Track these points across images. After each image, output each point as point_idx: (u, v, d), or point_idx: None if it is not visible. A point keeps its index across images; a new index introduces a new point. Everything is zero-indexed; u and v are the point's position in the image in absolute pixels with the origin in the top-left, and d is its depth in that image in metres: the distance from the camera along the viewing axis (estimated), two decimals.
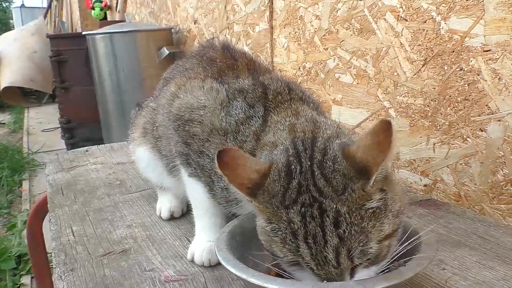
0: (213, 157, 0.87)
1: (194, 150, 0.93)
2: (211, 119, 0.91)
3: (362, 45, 1.54)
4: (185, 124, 0.95)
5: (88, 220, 1.20)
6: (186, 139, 0.95)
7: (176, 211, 1.18)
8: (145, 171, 1.23)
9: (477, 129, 1.20)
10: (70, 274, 0.94)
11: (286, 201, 0.69)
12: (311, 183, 0.69)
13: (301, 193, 0.69)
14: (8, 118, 6.70)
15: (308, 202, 0.68)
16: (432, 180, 1.37)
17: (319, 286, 0.65)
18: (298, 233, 0.67)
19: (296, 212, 0.68)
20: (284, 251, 0.68)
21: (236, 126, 0.88)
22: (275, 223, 0.69)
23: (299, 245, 0.67)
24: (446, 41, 1.24)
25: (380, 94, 1.50)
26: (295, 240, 0.67)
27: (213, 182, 0.92)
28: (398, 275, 0.67)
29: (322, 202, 0.67)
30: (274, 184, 0.70)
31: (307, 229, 0.66)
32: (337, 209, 0.66)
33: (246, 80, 0.96)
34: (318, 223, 0.66)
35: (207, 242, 0.95)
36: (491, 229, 1.03)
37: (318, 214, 0.67)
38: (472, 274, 0.85)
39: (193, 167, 0.96)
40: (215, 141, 0.90)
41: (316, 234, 0.66)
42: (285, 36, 1.95)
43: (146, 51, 3.23)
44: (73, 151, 1.94)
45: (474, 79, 1.18)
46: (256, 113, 0.89)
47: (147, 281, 0.89)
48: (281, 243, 0.68)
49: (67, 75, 4.22)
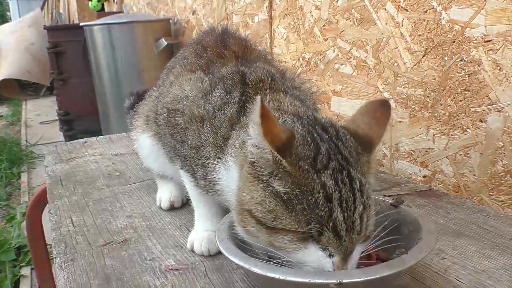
0: (191, 144, 0.90)
1: (178, 140, 0.95)
2: (191, 108, 0.92)
3: (362, 35, 1.53)
4: (169, 115, 0.97)
5: (87, 210, 1.20)
6: (170, 130, 0.97)
7: (176, 201, 1.18)
8: (147, 159, 1.23)
9: (477, 120, 1.20)
10: (70, 264, 0.94)
11: (318, 165, 0.69)
12: (337, 151, 0.71)
13: (331, 159, 0.70)
14: (5, 110, 6.67)
15: (338, 168, 0.69)
16: (431, 171, 1.37)
17: (323, 274, 0.65)
18: (333, 197, 0.67)
19: (329, 176, 0.68)
20: (306, 219, 0.66)
21: (213, 112, 0.89)
22: (304, 188, 0.67)
23: (333, 209, 0.66)
24: (446, 31, 1.24)
25: (380, 85, 1.49)
26: (328, 203, 0.66)
27: (193, 170, 0.93)
28: (401, 263, 0.67)
29: (350, 170, 0.70)
30: (302, 147, 0.70)
31: (341, 193, 0.67)
32: (360, 179, 0.70)
33: (231, 69, 0.97)
34: (349, 189, 0.68)
35: (205, 232, 0.96)
36: (490, 219, 1.03)
37: (348, 181, 0.69)
38: (472, 263, 0.86)
39: (181, 159, 0.97)
40: (193, 128, 0.91)
41: (348, 199, 0.67)
42: (284, 27, 1.94)
43: (144, 42, 3.22)
44: (71, 143, 1.94)
45: (475, 69, 1.18)
46: (233, 99, 0.89)
47: (147, 271, 0.90)
48: (305, 211, 0.66)
49: (64, 67, 4.20)
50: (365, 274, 0.64)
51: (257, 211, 0.70)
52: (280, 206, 0.68)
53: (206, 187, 0.91)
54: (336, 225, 0.66)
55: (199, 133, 0.90)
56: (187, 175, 0.98)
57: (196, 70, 1.00)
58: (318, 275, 0.64)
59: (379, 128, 0.77)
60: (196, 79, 0.97)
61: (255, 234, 0.71)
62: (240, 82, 0.91)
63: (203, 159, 0.89)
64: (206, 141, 0.88)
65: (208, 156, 0.87)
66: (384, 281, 0.71)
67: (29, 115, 6.28)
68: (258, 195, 0.70)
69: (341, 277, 0.63)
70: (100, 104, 3.53)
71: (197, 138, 0.90)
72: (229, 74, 0.94)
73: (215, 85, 0.93)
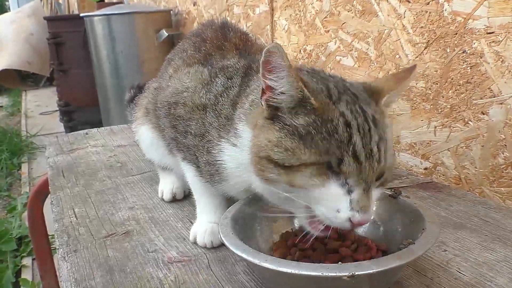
0: (195, 133, 0.92)
1: (180, 132, 0.96)
2: (192, 98, 0.94)
3: (364, 27, 1.53)
4: (170, 107, 0.98)
5: (90, 202, 1.21)
6: (172, 122, 0.97)
7: (178, 193, 1.18)
8: (148, 150, 1.24)
9: (478, 112, 1.20)
10: (73, 255, 0.94)
11: (333, 97, 0.71)
12: (346, 88, 0.74)
13: (341, 93, 0.73)
14: (5, 101, 6.65)
15: (350, 101, 0.72)
16: (433, 164, 1.37)
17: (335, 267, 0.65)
18: (351, 124, 0.68)
19: (345, 107, 0.70)
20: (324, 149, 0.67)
21: (215, 99, 0.90)
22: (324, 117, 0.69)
23: (352, 133, 0.68)
24: (449, 23, 1.24)
25: (382, 77, 1.49)
26: (348, 129, 0.68)
27: (197, 159, 0.93)
28: (410, 253, 0.67)
29: (360, 104, 0.72)
30: (313, 83, 0.73)
31: (357, 121, 0.69)
32: (371, 112, 0.72)
33: (232, 59, 0.98)
34: (364, 119, 0.70)
35: (208, 223, 0.96)
36: (491, 212, 1.04)
37: (361, 112, 0.71)
38: (473, 255, 0.86)
39: (183, 151, 0.98)
40: (195, 117, 0.92)
41: (364, 127, 0.69)
42: (285, 18, 1.93)
43: (145, 33, 3.21)
44: (73, 134, 1.94)
45: (477, 61, 1.18)
46: (234, 83, 0.91)
47: (150, 262, 0.90)
48: (328, 138, 0.67)
49: (64, 57, 4.19)
50: (377, 266, 0.64)
51: (274, 154, 0.70)
52: (298, 141, 0.69)
53: (210, 172, 0.91)
54: (356, 149, 0.67)
55: (203, 121, 0.91)
56: (189, 166, 0.98)
57: (194, 64, 1.01)
58: (330, 269, 0.64)
59: (394, 83, 0.79)
60: (195, 72, 0.98)
61: (275, 179, 0.71)
62: (244, 68, 0.93)
63: (207, 145, 0.89)
64: (211, 126, 0.89)
65: (212, 139, 0.88)
66: (395, 272, 0.72)
67: (29, 105, 6.26)
68: (274, 137, 0.71)
69: (353, 269, 0.63)
70: (101, 95, 3.52)
71: (201, 126, 0.91)
72: (231, 63, 0.96)
73: (216, 75, 0.94)
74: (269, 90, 0.72)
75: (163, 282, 0.83)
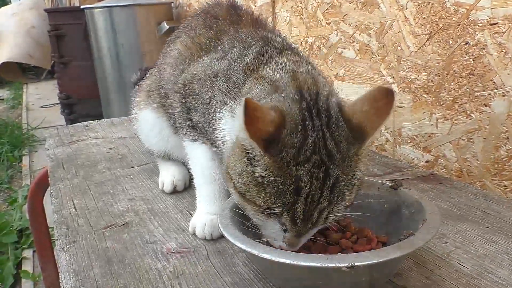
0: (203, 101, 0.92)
1: (193, 108, 0.95)
2: (205, 71, 0.94)
3: (366, 19, 1.52)
4: (184, 86, 0.98)
5: (89, 193, 1.20)
6: (187, 100, 0.97)
7: (178, 185, 1.18)
8: (148, 137, 1.23)
9: (481, 104, 1.19)
10: (72, 246, 0.94)
11: (300, 158, 0.69)
12: (323, 144, 0.71)
13: (315, 153, 0.70)
14: (6, 94, 6.65)
15: (317, 163, 0.69)
16: (434, 156, 1.36)
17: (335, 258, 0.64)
18: (302, 191, 0.68)
19: (307, 170, 0.69)
20: (271, 202, 0.70)
21: (229, 65, 0.90)
22: (278, 177, 0.69)
23: (297, 201, 0.69)
24: (451, 14, 1.22)
25: (383, 69, 1.48)
26: (296, 196, 0.69)
27: (205, 130, 0.94)
28: (411, 244, 0.67)
29: (329, 167, 0.70)
30: (290, 137, 0.70)
31: (310, 189, 0.69)
32: (337, 176, 0.70)
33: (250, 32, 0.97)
34: (320, 185, 0.69)
35: (208, 215, 0.95)
36: (493, 204, 1.03)
37: (322, 177, 0.69)
38: (474, 247, 0.86)
39: (197, 129, 0.97)
40: (206, 85, 0.92)
41: (315, 195, 0.69)
42: (287, 10, 1.92)
43: (146, 26, 3.20)
44: (73, 126, 1.93)
45: (480, 53, 1.17)
46: (251, 50, 0.90)
47: (149, 253, 0.90)
48: (273, 195, 0.69)
49: (65, 50, 4.18)
50: (377, 257, 0.64)
51: (235, 179, 0.74)
52: (254, 185, 0.71)
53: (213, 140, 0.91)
54: (295, 214, 0.69)
55: (212, 86, 0.91)
56: (203, 149, 0.98)
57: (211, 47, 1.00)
58: (329, 259, 0.63)
59: (377, 118, 0.72)
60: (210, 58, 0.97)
61: (232, 193, 0.76)
62: (262, 40, 0.92)
63: (211, 110, 0.89)
64: (218, 89, 0.89)
65: (216, 103, 0.88)
66: (395, 263, 0.71)
67: (30, 98, 6.26)
68: (240, 167, 0.73)
69: (353, 260, 0.63)
70: (102, 88, 3.52)
71: (208, 91, 0.91)
72: (249, 36, 0.95)
73: (233, 46, 0.94)
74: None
75: (161, 273, 0.82)
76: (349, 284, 0.69)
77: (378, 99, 0.72)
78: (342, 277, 0.65)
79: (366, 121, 0.72)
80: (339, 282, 0.68)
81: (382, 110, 0.72)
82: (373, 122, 0.72)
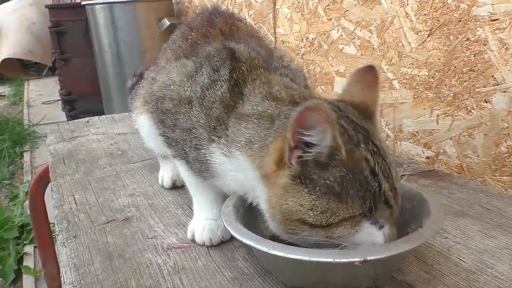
0: (182, 127, 0.88)
1: (169, 126, 0.92)
2: (179, 92, 0.90)
3: (367, 15, 1.51)
4: (158, 102, 0.94)
5: (90, 189, 1.20)
6: (160, 116, 0.94)
7: (178, 180, 1.17)
8: (147, 139, 1.23)
9: (482, 100, 1.19)
10: (73, 241, 0.94)
11: (354, 140, 0.69)
12: (354, 125, 0.71)
13: (356, 132, 0.70)
14: (8, 90, 6.64)
15: (363, 139, 0.70)
16: (435, 152, 1.36)
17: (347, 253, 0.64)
18: (376, 170, 0.68)
19: (364, 150, 0.69)
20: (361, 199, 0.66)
21: (202, 92, 0.86)
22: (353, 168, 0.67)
23: (380, 181, 0.67)
24: (452, 10, 1.22)
25: (384, 65, 1.48)
26: (376, 177, 0.67)
27: (186, 154, 0.90)
28: (420, 237, 0.67)
29: (372, 140, 0.71)
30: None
31: (379, 166, 0.68)
32: (380, 144, 0.71)
33: (214, 45, 0.94)
34: (381, 157, 0.69)
35: (206, 221, 0.93)
36: (493, 200, 1.03)
37: (376, 149, 0.69)
38: (474, 243, 0.86)
39: (172, 146, 0.94)
40: (182, 111, 0.88)
41: (385, 168, 0.69)
42: (288, 7, 1.92)
43: (147, 22, 3.19)
44: (74, 122, 1.94)
45: (481, 49, 1.17)
46: (221, 76, 0.86)
47: (149, 248, 0.90)
48: (360, 190, 0.66)
49: (66, 46, 4.18)
50: (388, 250, 0.64)
51: (309, 217, 0.67)
52: (333, 201, 0.66)
53: (201, 169, 0.88)
54: (387, 196, 0.68)
55: (189, 115, 0.87)
56: (180, 162, 0.94)
57: (181, 56, 0.98)
58: (341, 254, 0.63)
59: (372, 93, 0.78)
60: (180, 65, 0.94)
61: (309, 236, 0.69)
62: (229, 58, 0.89)
63: (195, 141, 0.86)
64: (197, 123, 0.85)
65: (201, 138, 0.85)
66: (405, 255, 0.71)
67: (31, 95, 6.26)
68: (306, 202, 0.68)
69: (365, 254, 0.62)
70: (102, 84, 3.52)
71: (187, 120, 0.87)
72: (214, 51, 0.92)
73: (201, 65, 0.90)
74: (303, 146, 0.68)
75: (162, 268, 0.83)
76: (356, 278, 0.69)
77: (364, 77, 0.80)
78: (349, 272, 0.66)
79: (366, 99, 0.77)
80: (347, 276, 0.68)
81: (372, 83, 0.78)
82: (371, 97, 0.78)
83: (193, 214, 1.00)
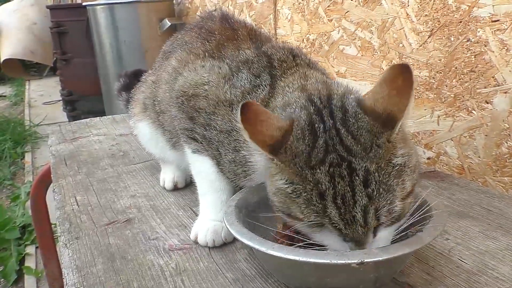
0: (220, 129, 0.88)
1: (200, 124, 0.92)
2: (216, 93, 0.90)
3: (368, 16, 1.51)
4: (189, 99, 0.94)
5: (91, 190, 1.21)
6: (191, 113, 0.94)
7: (179, 182, 1.18)
8: (147, 145, 1.23)
9: (482, 101, 1.19)
10: (75, 242, 0.94)
11: (312, 161, 0.67)
12: (338, 141, 0.68)
13: (328, 152, 0.68)
14: (9, 90, 6.65)
15: (336, 162, 0.67)
16: (436, 153, 1.36)
17: (344, 255, 0.64)
18: (326, 194, 0.66)
19: (324, 172, 0.66)
20: (307, 212, 0.67)
21: (242, 97, 0.88)
22: (298, 184, 0.67)
23: (326, 206, 0.66)
24: (453, 11, 1.22)
25: (385, 66, 1.48)
26: (322, 201, 0.66)
27: (220, 155, 0.90)
28: (419, 240, 0.67)
29: (351, 161, 0.66)
30: (298, 142, 0.69)
31: (336, 189, 0.65)
32: (366, 168, 0.66)
33: (249, 50, 0.95)
34: (348, 182, 0.65)
35: (211, 221, 0.92)
36: (494, 201, 1.03)
37: (347, 174, 0.66)
38: (475, 244, 0.86)
39: (199, 142, 0.94)
40: (221, 112, 0.89)
41: (345, 194, 0.65)
42: (288, 7, 1.92)
43: (148, 22, 3.20)
44: (75, 123, 1.94)
45: (481, 50, 1.17)
46: (263, 81, 0.88)
47: (151, 250, 0.90)
48: (304, 205, 0.67)
49: (68, 47, 4.17)
50: (386, 253, 0.64)
51: (274, 201, 0.72)
52: (286, 197, 0.69)
53: (235, 171, 0.88)
54: (333, 220, 0.66)
55: (229, 117, 0.87)
56: (205, 160, 0.94)
57: (205, 56, 0.98)
58: (339, 256, 0.63)
59: (400, 99, 0.68)
60: (212, 66, 0.94)
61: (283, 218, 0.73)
62: (268, 65, 0.90)
63: (234, 143, 0.86)
64: None
65: (241, 140, 0.85)
66: (403, 259, 0.71)
67: (32, 95, 6.26)
68: (272, 187, 0.72)
69: (362, 257, 0.62)
70: (104, 85, 3.52)
71: (227, 122, 0.88)
72: (254, 57, 0.92)
73: (238, 69, 0.91)
74: None
75: (164, 270, 0.83)
76: (356, 281, 0.69)
77: (395, 78, 0.69)
78: (349, 274, 0.66)
79: (390, 105, 0.68)
80: (346, 279, 0.68)
81: (403, 88, 0.68)
82: (398, 104, 0.68)
83: (195, 215, 1.01)
